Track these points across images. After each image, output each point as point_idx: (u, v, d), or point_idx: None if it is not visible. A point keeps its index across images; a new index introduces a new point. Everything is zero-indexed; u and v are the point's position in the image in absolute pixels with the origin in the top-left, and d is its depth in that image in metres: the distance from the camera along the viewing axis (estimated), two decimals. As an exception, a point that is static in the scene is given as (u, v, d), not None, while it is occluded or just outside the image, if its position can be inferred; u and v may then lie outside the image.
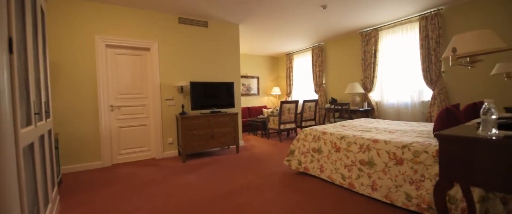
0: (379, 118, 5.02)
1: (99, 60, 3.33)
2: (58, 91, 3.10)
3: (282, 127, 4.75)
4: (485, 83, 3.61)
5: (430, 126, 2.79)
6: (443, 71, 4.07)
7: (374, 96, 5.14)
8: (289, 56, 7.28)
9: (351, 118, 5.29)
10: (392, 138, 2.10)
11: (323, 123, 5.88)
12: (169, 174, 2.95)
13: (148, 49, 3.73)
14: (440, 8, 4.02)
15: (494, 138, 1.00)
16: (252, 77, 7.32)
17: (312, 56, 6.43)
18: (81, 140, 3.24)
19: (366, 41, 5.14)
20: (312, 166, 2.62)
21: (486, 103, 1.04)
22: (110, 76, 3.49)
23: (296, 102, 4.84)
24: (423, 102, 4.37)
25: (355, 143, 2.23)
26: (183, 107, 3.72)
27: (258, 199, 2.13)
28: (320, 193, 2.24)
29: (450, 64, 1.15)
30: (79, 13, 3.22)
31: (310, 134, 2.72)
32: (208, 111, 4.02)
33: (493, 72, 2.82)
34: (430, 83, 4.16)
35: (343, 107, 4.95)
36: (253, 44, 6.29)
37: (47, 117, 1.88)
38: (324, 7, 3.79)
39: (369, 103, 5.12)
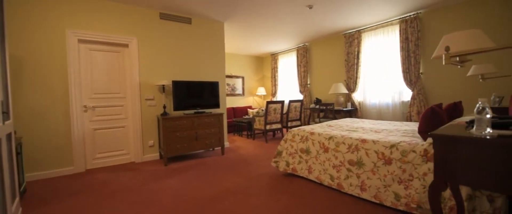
0: (362, 118, 5.13)
1: (70, 56, 3.05)
2: (23, 90, 2.79)
3: (268, 127, 4.69)
4: (461, 84, 3.80)
5: (413, 125, 2.86)
6: (421, 73, 4.24)
7: (357, 96, 5.25)
8: (274, 57, 7.26)
9: (336, 118, 5.36)
10: (380, 138, 2.10)
11: (308, 123, 5.91)
12: (149, 179, 2.76)
13: (126, 46, 3.49)
14: (419, 12, 4.19)
15: (488, 137, 0.99)
16: (237, 77, 7.21)
17: (297, 56, 6.45)
18: (50, 144, 2.94)
19: (349, 43, 5.24)
20: (300, 167, 2.57)
21: (480, 102, 1.03)
22: (83, 74, 3.21)
23: (282, 102, 4.81)
24: (403, 102, 4.52)
25: (344, 143, 2.21)
26: (164, 107, 3.53)
27: (245, 204, 2.04)
28: (309, 195, 2.20)
29: (444, 63, 1.14)
30: (48, 4, 2.93)
31: (298, 135, 2.68)
32: (192, 111, 3.85)
33: (469, 73, 2.96)
34: (410, 84, 4.31)
35: (328, 107, 5.00)
36: (238, 44, 6.19)
37: (6, 118, 1.65)
38: (310, 7, 3.79)
39: (353, 104, 5.22)
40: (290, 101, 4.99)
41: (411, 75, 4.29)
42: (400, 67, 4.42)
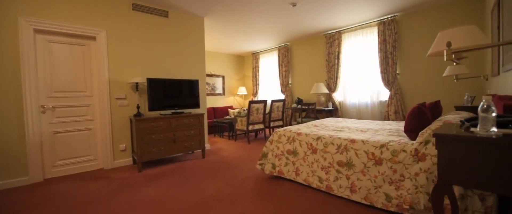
0: (343, 117, 5.21)
1: (24, 48, 2.63)
2: (-41, 87, 2.33)
3: (250, 127, 4.55)
4: (435, 84, 3.99)
5: (394, 124, 2.90)
6: (398, 73, 4.40)
7: (337, 96, 5.32)
8: (255, 56, 7.13)
9: (317, 118, 5.39)
10: (368, 138, 2.06)
11: (290, 123, 5.88)
12: (121, 188, 2.46)
13: (93, 38, 3.12)
14: (396, 14, 4.33)
15: (493, 136, 0.95)
16: (217, 76, 6.97)
17: (278, 56, 6.40)
18: (-3, 151, 2.50)
19: (330, 43, 5.29)
20: (287, 169, 2.46)
21: (484, 100, 0.98)
22: (41, 69, 2.79)
23: (265, 102, 4.69)
24: (381, 102, 4.66)
25: (332, 143, 2.14)
26: (138, 107, 3.22)
27: (231, 213, 1.87)
28: (297, 199, 2.09)
29: (445, 59, 1.09)
30: (-7, -13, 2.49)
31: (284, 135, 2.57)
32: (169, 111, 3.57)
33: (444, 74, 3.08)
34: (388, 84, 4.45)
35: (310, 107, 5.00)
36: (219, 41, 5.96)
37: None
38: (294, 4, 3.72)
39: (333, 103, 5.28)
40: (273, 101, 4.90)
41: (388, 76, 4.43)
42: (378, 68, 4.54)
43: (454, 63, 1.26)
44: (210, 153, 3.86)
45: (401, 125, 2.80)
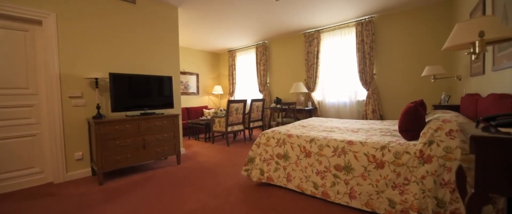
0: (322, 117, 5.19)
1: None
2: None
3: (229, 128, 4.24)
4: (411, 85, 4.13)
5: (381, 123, 2.87)
6: (374, 74, 4.49)
7: (316, 96, 5.29)
8: (231, 53, 6.82)
9: (297, 118, 5.29)
10: (366, 139, 1.94)
11: (269, 124, 5.70)
12: (75, 207, 1.99)
13: (38, 23, 2.54)
14: (373, 16, 4.41)
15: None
16: (191, 74, 6.49)
17: (256, 54, 6.18)
18: None
19: (309, 42, 5.24)
20: (277, 175, 2.23)
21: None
22: (-41, 59, 2.15)
23: (244, 101, 4.43)
24: (358, 101, 4.73)
25: (328, 145, 1.97)
26: (98, 107, 2.71)
27: (220, 231, 1.57)
28: (291, 208, 1.87)
29: (477, 50, 0.97)
30: None
31: (273, 138, 2.34)
32: (138, 112, 3.11)
33: (423, 74, 3.17)
34: (365, 84, 4.52)
35: (290, 107, 4.86)
36: (193, 36, 5.52)
37: None
38: (277, -2, 3.52)
39: (312, 103, 5.24)
40: (252, 101, 4.66)
41: (366, 76, 4.49)
42: (356, 67, 4.59)
43: (473, 57, 1.15)
44: (186, 158, 3.46)
45: (388, 124, 2.77)
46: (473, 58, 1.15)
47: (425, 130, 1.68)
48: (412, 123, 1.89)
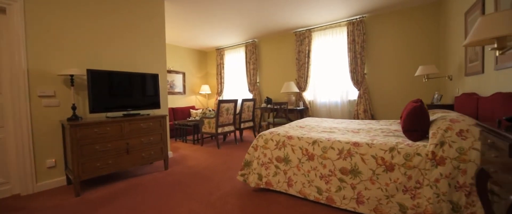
0: (313, 117, 5.12)
1: None
2: None
3: (220, 130, 4.03)
4: (402, 84, 4.16)
5: (378, 123, 2.81)
6: (365, 73, 4.49)
7: (307, 95, 5.22)
8: (220, 52, 6.59)
9: (289, 118, 5.19)
10: (372, 140, 1.84)
11: (260, 124, 5.55)
12: (46, 224, 1.71)
13: (1, 11, 2.20)
14: (364, 15, 4.41)
15: None
16: (177, 72, 6.18)
17: (246, 53, 6.01)
18: None
19: (300, 41, 5.16)
20: (277, 180, 2.08)
21: None
22: None
23: (235, 101, 4.24)
24: (349, 101, 4.71)
25: (333, 148, 1.85)
26: (74, 108, 2.41)
27: (219, 247, 1.39)
28: (296, 216, 1.73)
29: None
30: None
31: (272, 140, 2.18)
32: (120, 113, 2.82)
33: (417, 73, 3.17)
34: (357, 84, 4.51)
35: (282, 106, 4.75)
36: (180, 33, 5.24)
37: None
38: (271, -6, 3.37)
39: (304, 103, 5.16)
40: (243, 100, 4.48)
41: (357, 76, 4.48)
42: (348, 67, 4.57)
43: (497, 53, 1.07)
44: (174, 163, 3.21)
45: (385, 124, 2.72)
46: (497, 54, 1.07)
47: (434, 130, 1.61)
48: (418, 122, 1.83)
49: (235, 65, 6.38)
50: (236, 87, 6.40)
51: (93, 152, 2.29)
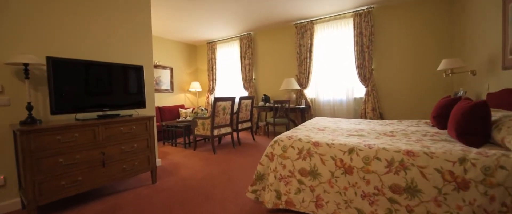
0: (315, 116, 4.75)
1: None
2: None
3: (216, 132, 3.52)
4: (414, 80, 3.85)
5: (405, 124, 2.44)
6: (372, 69, 4.15)
7: (309, 93, 4.83)
8: (211, 45, 6.03)
9: (291, 119, 4.78)
10: (428, 147, 1.44)
11: (257, 125, 5.09)
12: None
13: None
14: (371, 6, 4.06)
15: None
16: (164, 67, 5.56)
17: (241, 46, 5.52)
18: None
19: (301, 34, 4.75)
20: (301, 199, 1.63)
21: None
22: None
23: (233, 99, 3.75)
24: (355, 99, 4.37)
25: (378, 158, 1.43)
26: (30, 108, 1.82)
27: None
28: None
29: None
30: None
31: (293, 147, 1.73)
32: (94, 114, 2.25)
33: (440, 68, 2.85)
34: (364, 80, 4.17)
35: (283, 105, 4.31)
36: (166, 24, 4.66)
37: None
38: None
39: (305, 101, 4.76)
40: (241, 98, 4.00)
41: (365, 71, 4.14)
42: (354, 62, 4.22)
43: None
44: (163, 173, 2.67)
45: (415, 125, 2.35)
46: None
47: (516, 136, 1.23)
48: (480, 124, 1.45)
49: (228, 61, 5.86)
50: (230, 84, 5.90)
51: (56, 166, 1.72)
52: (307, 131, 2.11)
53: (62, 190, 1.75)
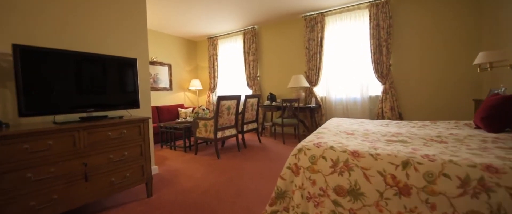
0: (326, 115, 4.39)
1: None
2: None
3: (220, 134, 3.16)
4: (438, 77, 3.49)
5: (442, 126, 2.09)
6: (390, 64, 3.79)
7: (319, 91, 4.47)
8: (212, 41, 5.66)
9: (301, 119, 4.41)
10: (497, 158, 1.08)
11: (263, 125, 4.73)
12: None
13: None
14: (389, -5, 3.70)
15: None
16: (162, 64, 5.18)
17: (244, 41, 5.14)
18: None
19: (311, 27, 4.38)
20: (337, 224, 1.27)
21: None
22: None
23: (238, 98, 3.38)
24: (370, 97, 4.02)
25: (446, 175, 1.07)
26: (-8, 109, 1.45)
27: None
28: None
29: None
30: None
31: (324, 158, 1.37)
32: (76, 116, 1.88)
33: (476, 61, 2.49)
34: (381, 77, 3.81)
35: (292, 104, 3.95)
36: (164, 17, 4.29)
37: None
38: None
39: (316, 100, 4.40)
40: (247, 97, 3.63)
41: (382, 67, 3.78)
42: (370, 57, 3.86)
43: None
44: (161, 183, 2.31)
45: (453, 126, 2.00)
46: None
47: None
48: None
49: (230, 57, 5.49)
50: (232, 82, 5.53)
51: (23, 183, 1.36)
52: (334, 135, 1.74)
53: (31, 212, 1.39)
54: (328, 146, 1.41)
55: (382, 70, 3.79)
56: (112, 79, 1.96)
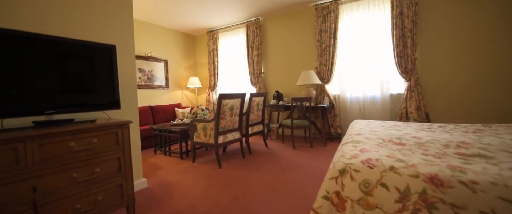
0: (340, 116, 3.93)
1: None
2: None
3: (221, 139, 2.70)
4: (469, 73, 3.01)
5: (507, 130, 1.62)
6: (416, 58, 3.32)
7: (331, 89, 4.01)
8: (212, 35, 5.19)
9: (312, 121, 3.95)
10: None
11: (269, 127, 4.26)
12: None
13: None
14: (415, -21, 3.23)
15: None
16: (157, 60, 4.72)
17: (247, 34, 4.68)
18: None
19: (323, 17, 3.91)
20: None
21: None
22: None
23: (242, 96, 2.92)
24: (392, 95, 3.55)
25: None
26: None
27: None
28: None
29: None
30: None
31: (385, 185, 0.89)
32: (29, 120, 1.41)
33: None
34: (405, 72, 3.34)
35: (303, 103, 3.48)
36: (158, 9, 3.82)
37: None
38: None
39: (329, 99, 3.94)
40: (252, 96, 3.17)
41: (406, 61, 3.32)
42: (392, 50, 3.39)
43: None
44: (149, 202, 1.84)
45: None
46: None
47: None
48: None
49: (232, 52, 5.03)
50: (234, 79, 5.07)
51: None
52: (379, 146, 1.28)
53: None
54: (386, 166, 0.94)
55: (406, 64, 3.32)
56: (79, 71, 1.49)
